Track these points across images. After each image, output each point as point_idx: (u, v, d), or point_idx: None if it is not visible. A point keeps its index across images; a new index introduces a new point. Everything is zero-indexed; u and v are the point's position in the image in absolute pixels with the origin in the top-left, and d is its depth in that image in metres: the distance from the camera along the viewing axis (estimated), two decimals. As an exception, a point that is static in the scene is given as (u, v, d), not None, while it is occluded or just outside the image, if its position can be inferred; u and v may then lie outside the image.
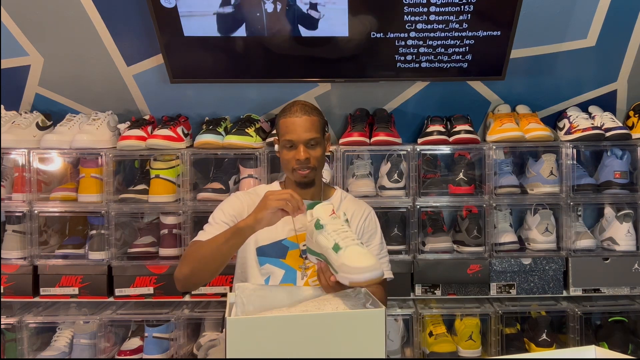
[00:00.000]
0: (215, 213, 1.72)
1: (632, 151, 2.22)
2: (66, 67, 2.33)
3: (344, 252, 1.30)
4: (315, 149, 1.68)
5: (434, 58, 2.17)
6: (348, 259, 1.29)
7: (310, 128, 1.66)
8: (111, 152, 2.19)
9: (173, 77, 2.23)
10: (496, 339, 2.16)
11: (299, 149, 1.65)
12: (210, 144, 2.18)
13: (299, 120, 1.65)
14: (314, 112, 1.70)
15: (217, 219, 1.68)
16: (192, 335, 2.25)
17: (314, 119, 1.67)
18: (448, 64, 2.19)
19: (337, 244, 1.32)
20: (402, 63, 2.18)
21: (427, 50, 2.15)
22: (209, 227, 1.68)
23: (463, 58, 2.17)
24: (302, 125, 1.65)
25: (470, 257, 2.18)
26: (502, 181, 2.20)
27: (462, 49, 2.15)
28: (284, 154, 1.69)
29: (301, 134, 1.64)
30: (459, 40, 2.13)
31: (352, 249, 1.31)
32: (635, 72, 2.33)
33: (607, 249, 2.22)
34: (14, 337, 2.19)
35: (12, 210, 2.20)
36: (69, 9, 2.18)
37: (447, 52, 2.16)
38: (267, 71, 2.24)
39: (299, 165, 1.66)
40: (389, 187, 2.18)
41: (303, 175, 1.68)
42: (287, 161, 1.68)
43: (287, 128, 1.66)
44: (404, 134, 2.36)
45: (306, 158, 1.65)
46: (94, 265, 2.18)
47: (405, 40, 2.13)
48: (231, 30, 2.11)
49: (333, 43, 2.14)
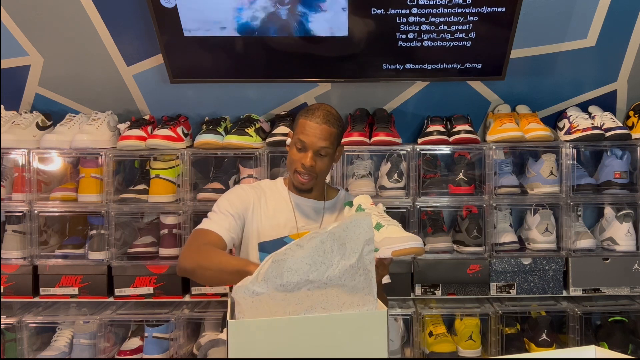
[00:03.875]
0: (221, 202, 1.69)
1: (632, 151, 2.22)
2: (66, 67, 2.33)
3: (386, 229, 1.42)
4: (323, 159, 1.67)
5: (436, 36, 2.12)
6: (390, 233, 1.40)
7: (326, 138, 1.65)
8: (111, 152, 2.19)
9: (173, 77, 2.23)
10: (496, 339, 2.16)
11: (308, 154, 1.64)
12: (210, 144, 2.18)
13: (318, 127, 1.64)
14: (335, 123, 1.67)
15: (223, 209, 1.66)
16: (192, 335, 2.25)
17: (332, 130, 1.66)
18: (451, 42, 2.13)
19: (379, 223, 1.44)
20: (404, 42, 2.13)
21: (430, 28, 2.10)
22: (215, 215, 1.66)
23: (466, 36, 2.12)
24: (319, 133, 1.64)
25: (470, 257, 2.18)
26: (502, 181, 2.20)
27: (466, 27, 2.10)
28: (292, 153, 1.68)
29: (315, 141, 1.64)
30: (462, 17, 2.08)
31: (393, 227, 1.43)
32: (635, 72, 2.33)
33: (607, 249, 2.22)
34: (14, 337, 2.19)
35: (12, 210, 2.20)
36: (69, 9, 2.18)
37: (449, 29, 2.11)
38: (267, 71, 2.24)
39: (302, 170, 1.66)
40: (389, 187, 2.18)
41: (302, 182, 1.68)
42: (293, 161, 1.68)
43: (304, 129, 1.65)
44: (404, 134, 2.37)
45: (311, 166, 1.64)
46: (94, 265, 2.18)
47: (407, 17, 2.08)
48: (231, 31, 2.11)
49: (333, 43, 2.14)
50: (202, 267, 1.51)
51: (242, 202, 1.70)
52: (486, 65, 2.20)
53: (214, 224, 1.63)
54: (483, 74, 2.24)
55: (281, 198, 1.75)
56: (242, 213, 1.68)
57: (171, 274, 2.18)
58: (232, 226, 1.64)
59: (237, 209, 1.67)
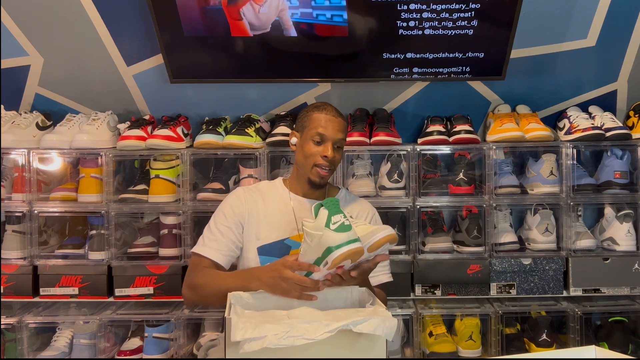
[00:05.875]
0: (217, 216, 1.69)
1: (632, 151, 2.22)
2: (66, 67, 2.33)
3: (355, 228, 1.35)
4: (339, 152, 1.70)
5: (437, 24, 2.09)
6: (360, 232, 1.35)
7: (343, 130, 1.69)
8: (111, 152, 2.19)
9: (173, 77, 2.23)
10: (496, 339, 2.16)
11: (328, 146, 1.65)
12: (210, 144, 2.18)
13: (335, 119, 1.67)
14: (344, 117, 1.73)
15: (220, 225, 1.67)
16: (192, 335, 2.25)
17: (345, 123, 1.71)
18: (453, 31, 2.10)
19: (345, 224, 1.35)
20: (405, 30, 2.10)
21: (431, 16, 2.07)
22: (211, 235, 1.66)
23: (469, 24, 2.09)
24: (337, 125, 1.67)
25: (470, 257, 2.18)
26: (502, 181, 2.20)
27: (468, 14, 2.07)
28: (309, 147, 1.66)
29: (335, 133, 1.66)
30: (464, 4, 2.05)
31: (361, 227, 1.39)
32: (635, 72, 2.33)
33: (607, 249, 2.22)
34: (14, 337, 2.19)
35: (12, 210, 2.20)
36: (68, 9, 2.18)
37: (451, 17, 2.08)
38: (267, 71, 2.24)
39: (323, 162, 1.65)
40: (389, 187, 2.18)
41: (322, 175, 1.67)
42: (312, 155, 1.66)
43: (320, 122, 1.65)
44: (404, 134, 2.36)
45: (333, 157, 1.65)
46: (93, 265, 2.18)
47: (408, 4, 2.05)
48: (231, 31, 2.11)
49: (333, 43, 2.14)
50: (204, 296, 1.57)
51: (237, 212, 1.69)
52: (488, 55, 2.17)
53: (207, 249, 1.64)
54: (483, 73, 2.24)
55: (281, 199, 1.74)
56: (239, 221, 1.68)
57: (171, 274, 2.18)
58: (228, 247, 1.65)
59: (232, 220, 1.67)
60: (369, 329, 1.19)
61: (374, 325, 1.19)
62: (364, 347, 1.21)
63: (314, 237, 1.33)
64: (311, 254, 1.35)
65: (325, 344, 1.16)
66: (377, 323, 1.20)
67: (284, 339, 1.14)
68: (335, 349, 1.19)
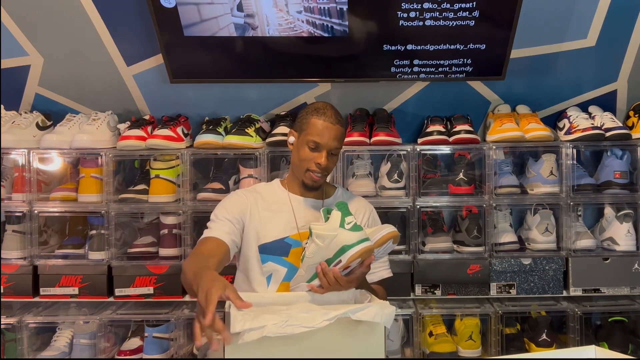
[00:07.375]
0: (218, 210, 1.71)
1: (632, 151, 2.22)
2: (66, 67, 2.33)
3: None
4: (333, 158, 1.70)
5: (438, 15, 2.07)
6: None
7: (340, 138, 1.69)
8: (111, 152, 2.19)
9: (173, 77, 2.23)
10: (496, 339, 2.16)
11: (322, 154, 1.66)
12: (210, 144, 2.18)
13: (332, 127, 1.66)
14: (343, 122, 1.72)
15: (220, 216, 1.68)
16: (192, 335, 2.25)
17: (342, 130, 1.70)
18: (454, 22, 2.08)
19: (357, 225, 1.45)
20: (405, 21, 2.09)
21: (432, 6, 2.05)
22: (213, 223, 1.67)
23: (470, 15, 2.07)
24: (333, 134, 1.66)
25: (470, 257, 2.18)
26: (502, 181, 2.20)
27: (469, 5, 2.05)
28: (304, 152, 1.68)
29: (330, 141, 1.66)
30: None
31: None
32: (635, 72, 2.33)
33: (607, 249, 2.22)
34: (14, 337, 2.19)
35: (12, 210, 2.20)
36: (68, 9, 2.18)
37: (452, 7, 2.06)
38: (267, 71, 2.24)
39: (316, 169, 1.67)
40: (389, 187, 2.18)
41: (314, 180, 1.69)
42: (305, 160, 1.68)
43: (317, 129, 1.66)
44: (404, 134, 2.37)
45: (326, 165, 1.67)
46: (93, 265, 2.18)
47: None
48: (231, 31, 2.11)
49: (333, 43, 2.14)
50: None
51: (238, 207, 1.70)
52: (489, 47, 2.15)
53: (213, 231, 1.63)
54: (483, 73, 2.24)
55: (279, 199, 1.75)
56: (240, 217, 1.69)
57: (171, 274, 2.18)
58: (231, 230, 1.65)
59: (234, 215, 1.68)
60: (368, 316, 1.21)
61: (372, 312, 1.22)
62: (363, 335, 1.23)
63: (326, 238, 1.40)
64: (322, 254, 1.42)
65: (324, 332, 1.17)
66: (375, 310, 1.23)
67: (283, 327, 1.17)
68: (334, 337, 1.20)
